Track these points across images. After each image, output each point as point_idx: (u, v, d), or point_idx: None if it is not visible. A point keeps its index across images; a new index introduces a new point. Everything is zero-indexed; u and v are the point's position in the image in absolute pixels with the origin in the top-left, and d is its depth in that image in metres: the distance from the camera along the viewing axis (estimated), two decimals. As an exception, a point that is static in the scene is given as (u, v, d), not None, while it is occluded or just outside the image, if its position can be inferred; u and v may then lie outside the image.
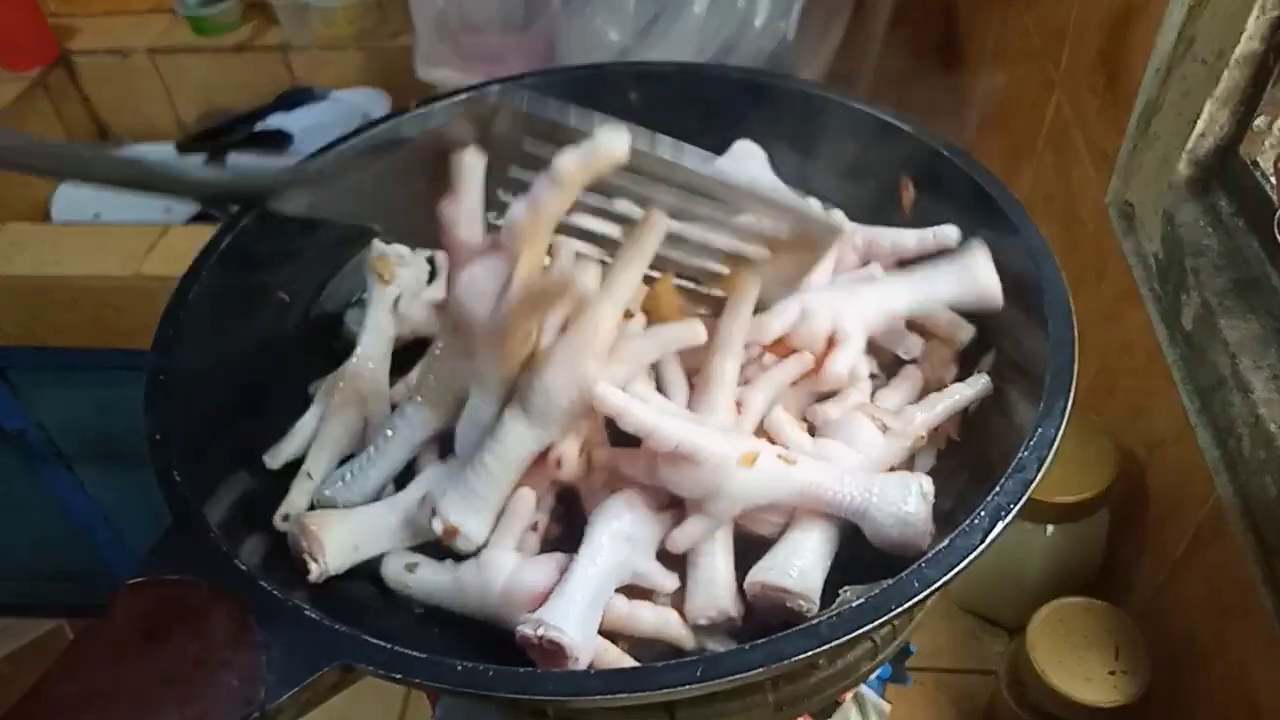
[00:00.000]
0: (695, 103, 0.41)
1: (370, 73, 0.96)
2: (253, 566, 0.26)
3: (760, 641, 0.23)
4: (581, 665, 0.26)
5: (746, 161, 0.40)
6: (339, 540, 0.29)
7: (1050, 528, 0.46)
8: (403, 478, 0.32)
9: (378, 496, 0.32)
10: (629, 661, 0.28)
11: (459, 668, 0.23)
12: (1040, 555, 0.47)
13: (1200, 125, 0.42)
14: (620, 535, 0.29)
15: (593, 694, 0.23)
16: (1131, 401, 0.48)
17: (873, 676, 0.40)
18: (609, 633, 0.29)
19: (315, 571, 0.29)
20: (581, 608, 0.27)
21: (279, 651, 0.24)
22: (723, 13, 0.59)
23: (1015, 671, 0.43)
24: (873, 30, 0.68)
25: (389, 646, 0.24)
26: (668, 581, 0.30)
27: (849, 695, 0.39)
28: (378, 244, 0.38)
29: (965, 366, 0.35)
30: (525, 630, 0.27)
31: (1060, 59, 0.58)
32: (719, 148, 0.42)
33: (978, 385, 0.33)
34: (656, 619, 0.29)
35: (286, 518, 0.31)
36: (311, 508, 0.32)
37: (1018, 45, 0.67)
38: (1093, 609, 0.43)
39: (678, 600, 0.30)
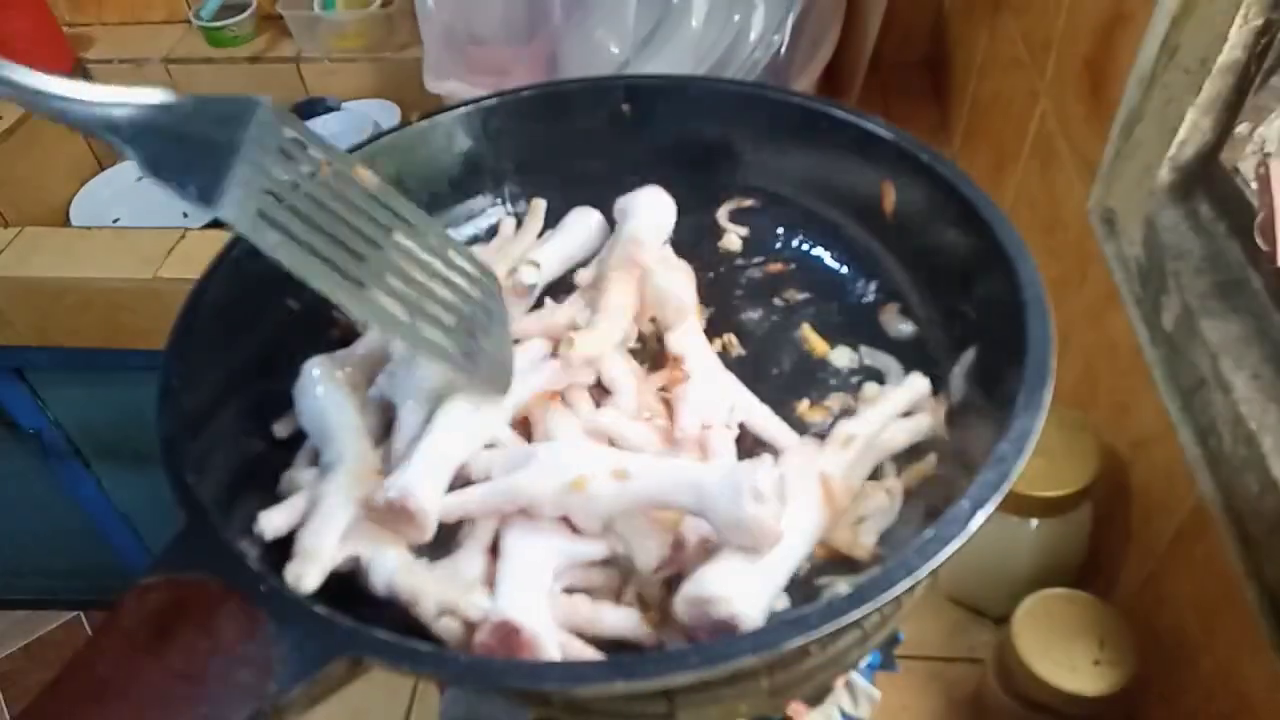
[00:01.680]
0: (685, 113, 0.42)
1: (380, 84, 0.99)
2: (264, 565, 0.27)
3: (753, 631, 0.25)
4: (543, 644, 0.27)
5: (647, 214, 0.40)
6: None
7: (1035, 521, 0.47)
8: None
9: None
10: (593, 653, 0.29)
11: (463, 659, 0.24)
12: (1025, 548, 0.48)
13: (1182, 132, 0.43)
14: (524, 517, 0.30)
15: (594, 682, 0.24)
16: (1115, 401, 0.49)
17: (863, 664, 0.41)
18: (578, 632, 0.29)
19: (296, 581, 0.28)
20: (517, 582, 0.28)
21: (288, 646, 0.24)
22: (719, 26, 0.61)
23: (1002, 660, 0.44)
24: (863, 42, 0.70)
25: (395, 639, 0.24)
26: (593, 549, 0.30)
27: (840, 681, 0.41)
28: None
29: (948, 362, 0.36)
30: (480, 638, 0.27)
31: (1046, 68, 0.59)
32: (709, 155, 0.43)
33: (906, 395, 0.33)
34: (618, 619, 0.30)
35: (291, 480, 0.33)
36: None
37: (1005, 55, 0.68)
38: (1077, 600, 0.44)
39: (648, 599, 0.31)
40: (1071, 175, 0.54)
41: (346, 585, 0.29)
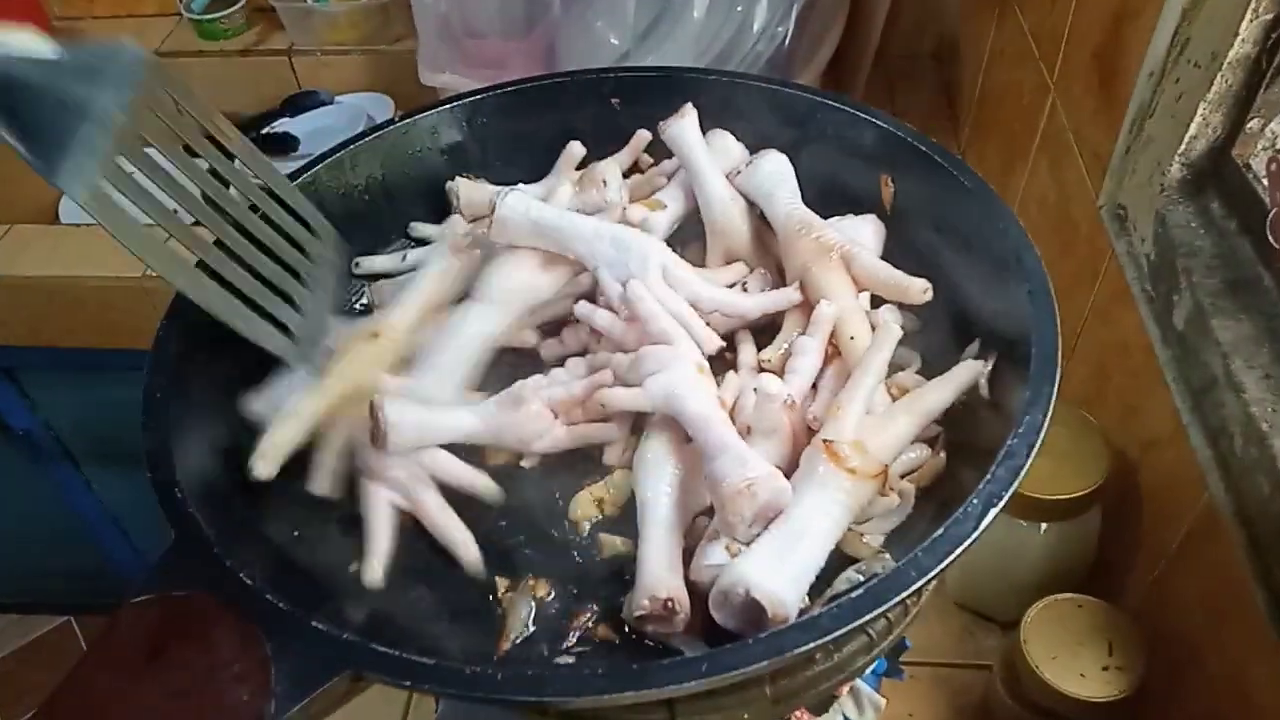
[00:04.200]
0: (675, 106, 0.41)
1: (374, 77, 0.97)
2: (259, 579, 0.26)
3: (762, 635, 0.24)
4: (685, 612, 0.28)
5: (783, 179, 0.39)
6: (408, 426, 0.32)
7: (1043, 525, 0.46)
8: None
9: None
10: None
11: (466, 673, 0.23)
12: (1034, 552, 0.47)
13: (1193, 128, 0.43)
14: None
15: (597, 693, 0.24)
16: (1125, 401, 0.49)
17: (868, 671, 0.40)
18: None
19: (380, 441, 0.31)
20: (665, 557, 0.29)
21: (288, 663, 0.24)
22: (721, 17, 0.60)
23: (1010, 666, 0.44)
24: (868, 34, 0.69)
25: (397, 654, 0.24)
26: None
27: (845, 689, 0.40)
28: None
29: (952, 357, 0.35)
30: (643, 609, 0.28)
31: (1055, 62, 0.58)
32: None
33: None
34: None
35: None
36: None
37: (1014, 49, 0.67)
38: (1086, 605, 0.43)
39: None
40: (1082, 171, 0.53)
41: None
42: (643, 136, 0.43)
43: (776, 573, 0.27)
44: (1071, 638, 0.42)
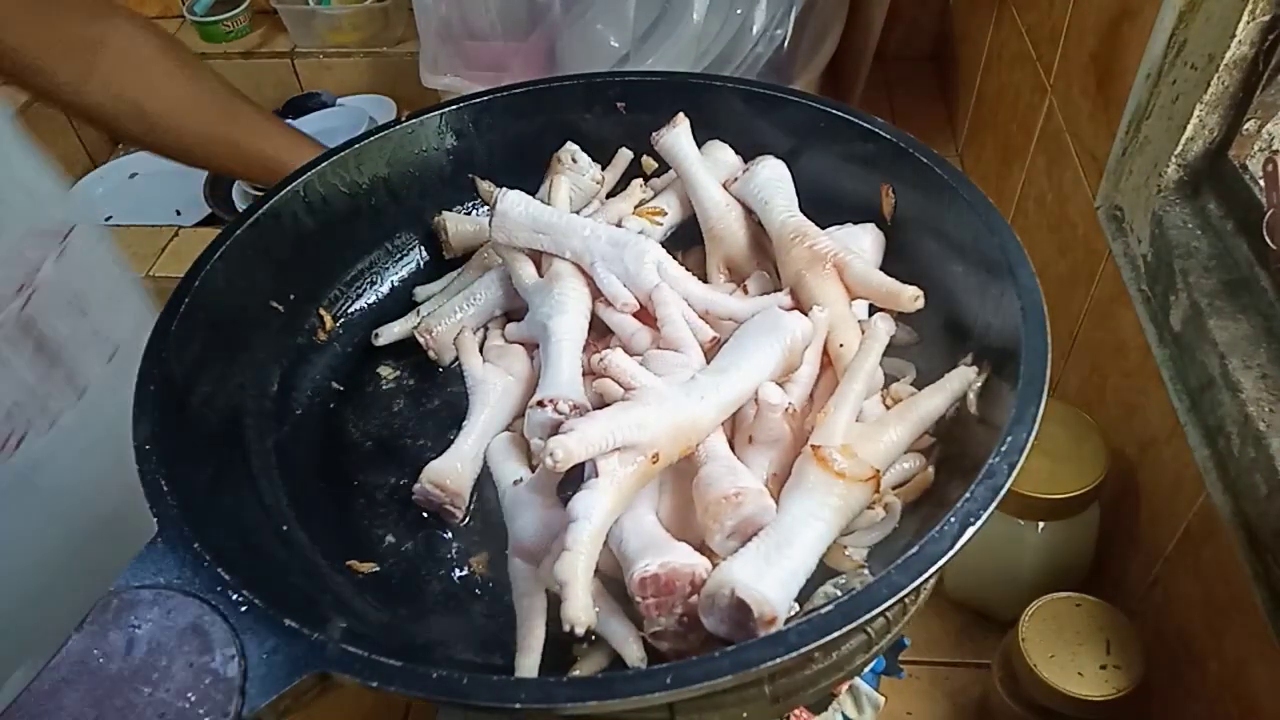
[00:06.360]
0: (678, 111, 0.41)
1: (376, 79, 0.98)
2: (235, 576, 0.26)
3: (729, 649, 0.23)
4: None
5: (780, 186, 0.39)
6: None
7: (1042, 524, 0.46)
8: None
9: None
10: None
11: (434, 675, 0.23)
12: (1032, 551, 0.47)
13: (1190, 129, 0.43)
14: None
15: (564, 701, 0.23)
16: (1123, 401, 0.49)
17: (867, 670, 0.41)
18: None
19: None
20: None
21: (257, 660, 0.24)
22: (720, 20, 0.60)
23: (1008, 665, 0.44)
24: (867, 37, 0.69)
25: (365, 655, 0.24)
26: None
27: (844, 687, 0.40)
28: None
29: (944, 369, 0.35)
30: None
31: (1053, 63, 0.58)
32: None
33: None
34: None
35: (378, 335, 0.40)
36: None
37: (1011, 50, 0.67)
38: (1084, 604, 0.44)
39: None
40: (1079, 171, 0.54)
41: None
42: (625, 155, 0.43)
43: (762, 574, 0.27)
44: (1070, 637, 0.42)
